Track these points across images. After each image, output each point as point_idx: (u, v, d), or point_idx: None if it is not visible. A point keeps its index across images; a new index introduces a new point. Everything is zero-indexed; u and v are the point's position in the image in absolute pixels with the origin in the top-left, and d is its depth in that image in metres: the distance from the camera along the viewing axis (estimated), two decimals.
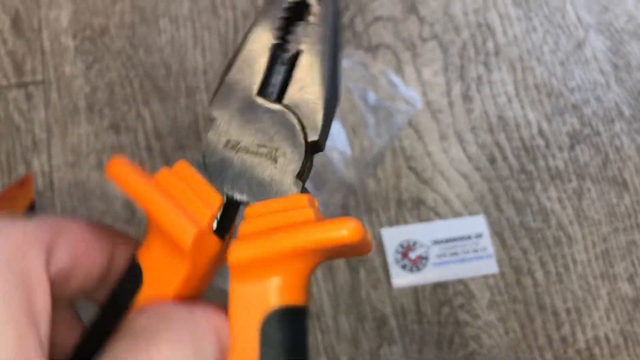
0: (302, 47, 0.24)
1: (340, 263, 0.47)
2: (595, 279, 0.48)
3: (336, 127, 0.51)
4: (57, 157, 0.50)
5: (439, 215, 0.49)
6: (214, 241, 0.22)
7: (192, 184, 0.22)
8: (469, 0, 0.56)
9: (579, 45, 0.55)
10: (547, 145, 0.52)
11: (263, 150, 0.23)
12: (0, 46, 0.54)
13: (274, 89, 0.24)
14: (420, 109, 0.52)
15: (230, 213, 0.23)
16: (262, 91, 0.24)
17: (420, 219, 0.49)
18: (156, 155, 0.50)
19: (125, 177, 0.21)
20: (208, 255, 0.22)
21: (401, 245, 0.48)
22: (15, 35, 0.54)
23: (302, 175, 0.23)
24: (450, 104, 0.53)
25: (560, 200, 0.50)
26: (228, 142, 0.23)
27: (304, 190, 0.23)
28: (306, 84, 0.23)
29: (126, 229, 0.48)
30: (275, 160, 0.23)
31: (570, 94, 0.53)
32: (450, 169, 0.51)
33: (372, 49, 0.54)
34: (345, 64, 0.53)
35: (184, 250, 0.21)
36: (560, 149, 0.52)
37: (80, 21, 0.55)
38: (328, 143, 0.50)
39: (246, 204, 0.23)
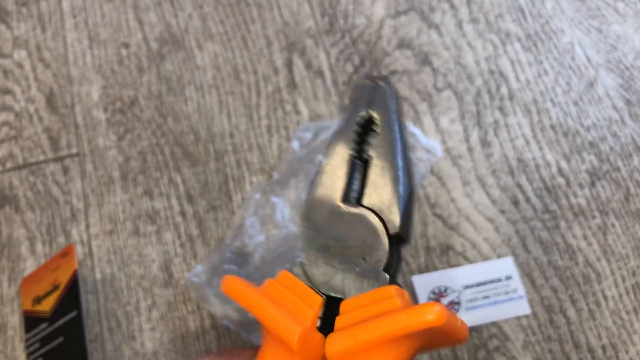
0: (371, 153, 0.27)
1: None
2: (629, 313, 0.48)
3: None
4: (95, 226, 0.52)
5: (468, 260, 0.50)
6: (319, 338, 0.24)
7: (294, 289, 0.24)
8: (480, 48, 0.59)
9: (591, 85, 0.57)
10: (568, 184, 0.53)
11: (352, 251, 0.25)
12: (37, 123, 0.57)
13: (354, 194, 0.27)
14: (441, 156, 0.54)
15: (334, 311, 0.25)
16: (345, 197, 0.26)
17: (450, 264, 0.50)
18: (190, 218, 0.52)
19: (237, 291, 0.24)
20: (315, 352, 0.24)
21: (433, 292, 0.49)
22: (50, 112, 0.57)
23: (389, 267, 0.25)
24: (470, 150, 0.54)
25: (585, 237, 0.51)
26: (320, 247, 0.25)
27: (392, 281, 0.25)
28: (379, 185, 0.26)
29: (164, 292, 0.50)
30: (364, 258, 0.25)
31: (587, 132, 0.55)
32: (476, 213, 0.52)
33: None
34: None
35: (293, 349, 0.23)
36: (581, 186, 0.53)
37: (110, 95, 0.58)
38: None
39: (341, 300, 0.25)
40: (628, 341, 0.47)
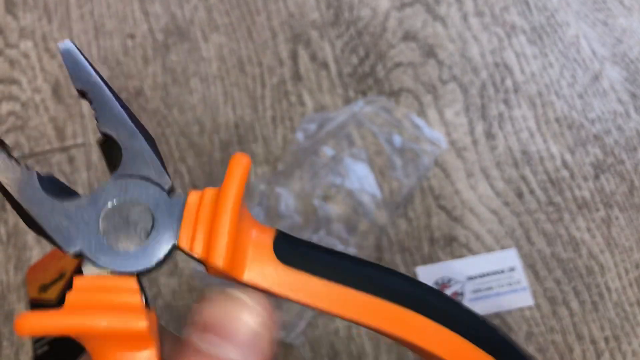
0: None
1: None
2: (632, 306, 0.48)
3: (364, 171, 0.53)
4: None
5: (471, 251, 0.50)
6: (152, 315, 0.22)
7: (101, 283, 0.22)
8: (485, 41, 0.59)
9: (596, 78, 0.57)
10: (572, 177, 0.53)
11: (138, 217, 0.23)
12: (43, 113, 0.57)
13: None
14: (445, 148, 0.54)
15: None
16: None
17: (454, 255, 0.50)
18: None
19: (44, 324, 0.20)
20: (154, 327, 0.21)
21: (436, 283, 0.49)
22: (56, 102, 0.57)
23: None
24: (474, 142, 0.54)
25: (589, 229, 0.51)
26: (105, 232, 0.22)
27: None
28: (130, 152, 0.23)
29: (169, 281, 0.50)
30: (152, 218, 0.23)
31: (591, 125, 0.55)
32: (479, 205, 0.52)
33: (394, 94, 0.57)
34: (369, 109, 0.55)
35: (143, 337, 0.21)
36: (585, 179, 0.53)
37: (115, 85, 0.58)
38: (357, 186, 0.52)
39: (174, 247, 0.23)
40: (631, 333, 0.47)
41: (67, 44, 0.24)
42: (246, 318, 0.20)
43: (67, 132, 0.56)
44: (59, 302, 0.48)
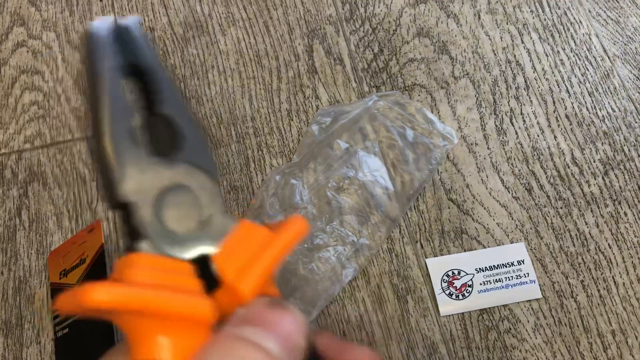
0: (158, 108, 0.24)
1: (389, 295, 0.50)
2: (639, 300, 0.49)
3: (377, 164, 0.54)
4: None
5: (481, 244, 0.51)
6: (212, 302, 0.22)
7: (159, 263, 0.22)
8: (498, 38, 0.59)
9: (607, 75, 0.58)
10: (582, 173, 0.54)
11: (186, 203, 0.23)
12: (65, 104, 0.58)
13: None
14: (457, 143, 0.55)
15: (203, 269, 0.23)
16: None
17: (464, 248, 0.51)
18: None
19: (118, 294, 0.19)
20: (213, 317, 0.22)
21: (447, 275, 0.50)
22: (78, 92, 0.59)
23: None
24: (486, 137, 0.55)
25: (597, 224, 0.52)
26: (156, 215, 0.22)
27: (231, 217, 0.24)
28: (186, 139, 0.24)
29: None
30: (199, 207, 0.23)
31: (601, 122, 0.56)
32: (490, 199, 0.53)
33: (408, 89, 0.58)
34: (382, 103, 0.56)
35: (206, 323, 0.21)
36: (595, 175, 0.54)
37: None
38: (370, 179, 0.53)
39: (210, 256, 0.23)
40: (638, 327, 0.48)
41: (136, 19, 0.25)
42: (285, 318, 0.21)
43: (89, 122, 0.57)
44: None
